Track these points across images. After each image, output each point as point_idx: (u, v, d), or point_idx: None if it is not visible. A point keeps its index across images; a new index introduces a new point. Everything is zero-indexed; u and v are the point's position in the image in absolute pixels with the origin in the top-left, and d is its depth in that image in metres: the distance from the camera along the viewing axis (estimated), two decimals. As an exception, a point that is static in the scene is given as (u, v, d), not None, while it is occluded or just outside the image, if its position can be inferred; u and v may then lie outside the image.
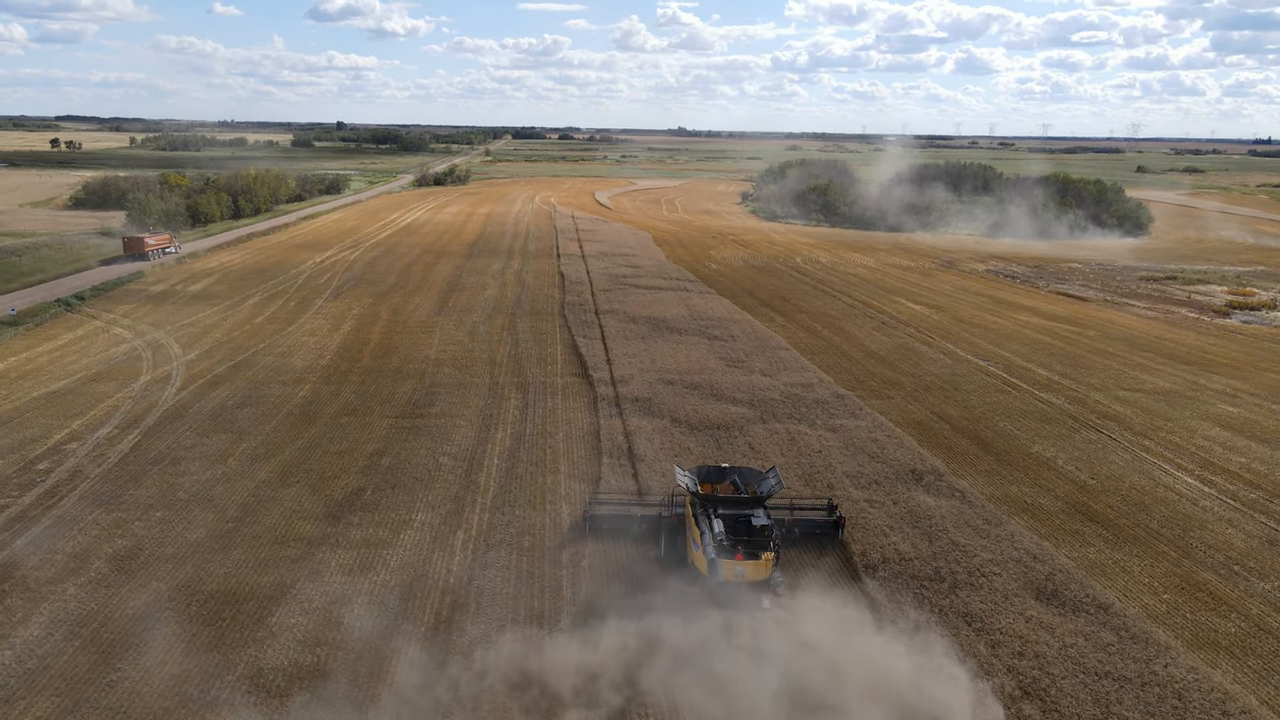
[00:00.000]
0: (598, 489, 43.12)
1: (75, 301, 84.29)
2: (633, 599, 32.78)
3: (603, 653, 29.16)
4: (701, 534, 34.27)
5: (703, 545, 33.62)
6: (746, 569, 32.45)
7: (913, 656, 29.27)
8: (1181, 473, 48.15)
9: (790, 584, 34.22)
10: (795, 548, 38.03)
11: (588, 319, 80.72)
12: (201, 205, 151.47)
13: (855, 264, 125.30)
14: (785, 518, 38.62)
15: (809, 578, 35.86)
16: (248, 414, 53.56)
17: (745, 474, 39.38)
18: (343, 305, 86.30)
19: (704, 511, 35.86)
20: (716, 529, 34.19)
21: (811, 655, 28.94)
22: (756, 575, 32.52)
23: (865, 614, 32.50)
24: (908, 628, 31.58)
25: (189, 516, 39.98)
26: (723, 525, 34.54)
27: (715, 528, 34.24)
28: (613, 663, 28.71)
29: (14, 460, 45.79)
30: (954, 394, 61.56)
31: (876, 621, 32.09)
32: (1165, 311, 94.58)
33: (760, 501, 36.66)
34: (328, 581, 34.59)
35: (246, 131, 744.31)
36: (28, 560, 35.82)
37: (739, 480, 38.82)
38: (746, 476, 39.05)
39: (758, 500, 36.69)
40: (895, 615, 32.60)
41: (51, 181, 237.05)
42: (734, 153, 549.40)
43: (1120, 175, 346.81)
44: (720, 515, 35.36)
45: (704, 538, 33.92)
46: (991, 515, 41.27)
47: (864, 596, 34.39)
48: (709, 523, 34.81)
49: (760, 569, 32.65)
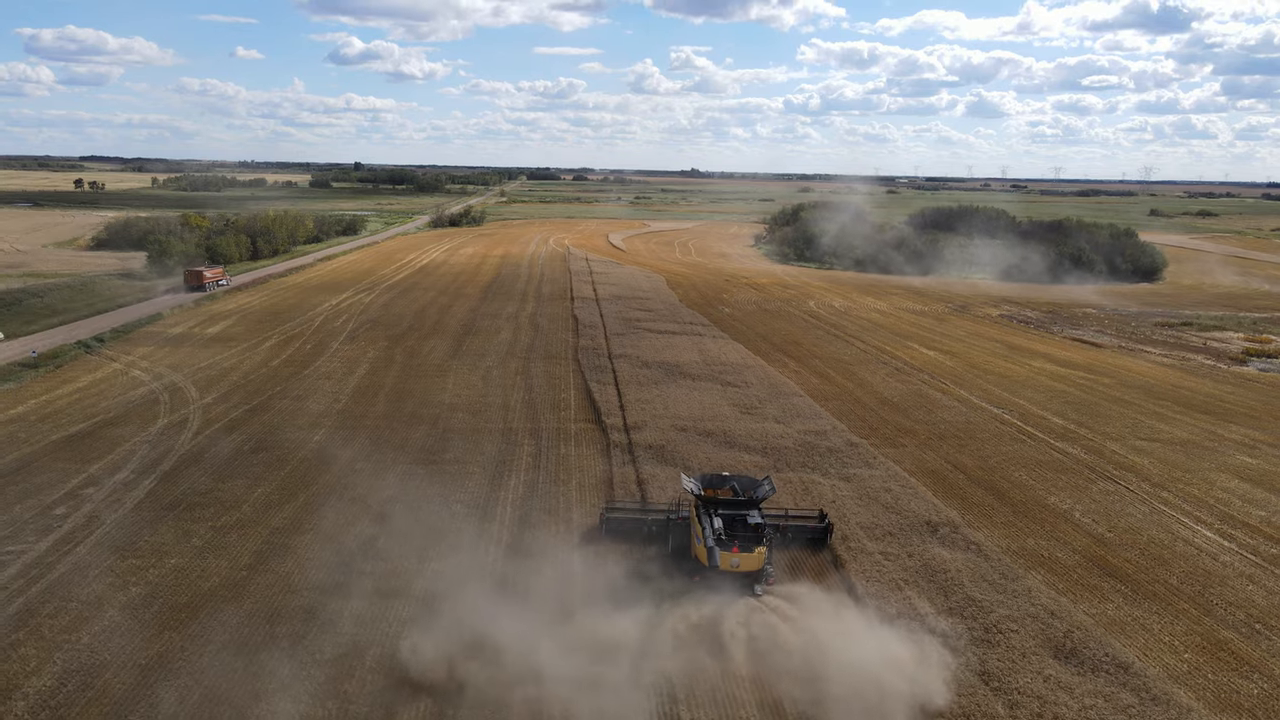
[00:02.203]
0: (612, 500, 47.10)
1: (95, 343, 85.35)
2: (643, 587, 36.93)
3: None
4: (703, 530, 38.66)
5: (704, 539, 37.94)
6: (742, 560, 36.90)
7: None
8: (1201, 526, 47.63)
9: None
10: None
11: (601, 363, 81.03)
12: (221, 246, 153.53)
13: (868, 308, 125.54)
14: (780, 523, 42.87)
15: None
16: (262, 459, 53.85)
17: (743, 481, 43.79)
18: (358, 348, 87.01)
19: (706, 512, 40.27)
20: (716, 525, 38.81)
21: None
22: (751, 566, 37.10)
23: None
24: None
25: (203, 564, 40.09)
26: (722, 523, 39.01)
27: (715, 524, 38.85)
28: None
29: (31, 505, 46.12)
30: (969, 443, 61.28)
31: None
32: (1181, 358, 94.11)
33: (755, 504, 41.05)
34: (340, 632, 34.52)
35: (266, 171, 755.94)
36: (43, 608, 35.96)
37: (737, 486, 43.19)
38: (744, 483, 43.49)
39: (753, 502, 41.15)
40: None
41: (74, 222, 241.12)
42: (746, 194, 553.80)
43: (1133, 219, 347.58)
44: (720, 514, 39.85)
45: (705, 533, 38.32)
46: (1008, 569, 40.88)
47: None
48: (710, 521, 39.32)
49: (754, 560, 37.12)
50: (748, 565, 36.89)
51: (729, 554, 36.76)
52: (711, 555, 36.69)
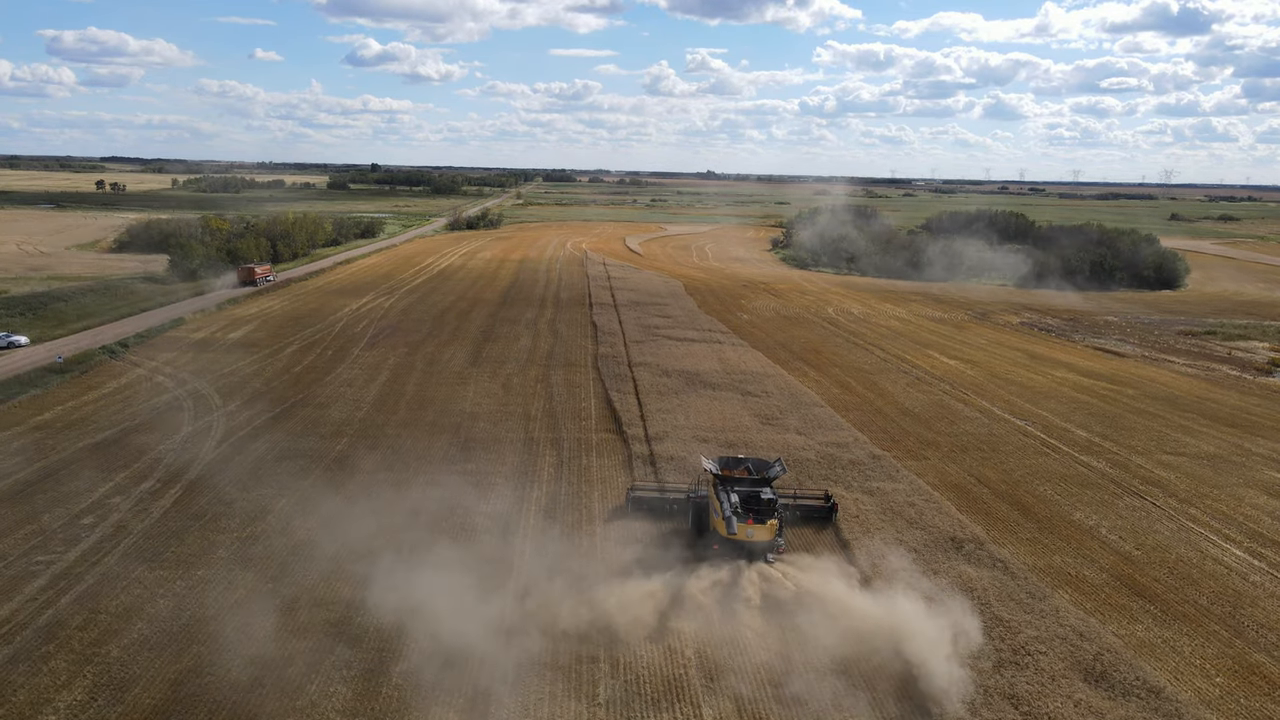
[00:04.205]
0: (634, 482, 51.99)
1: (119, 349, 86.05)
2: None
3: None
4: (721, 505, 42.82)
5: (722, 512, 42.10)
6: (756, 531, 41.23)
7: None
8: (1229, 544, 47.10)
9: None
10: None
11: (621, 371, 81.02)
12: (241, 249, 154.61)
13: (887, 315, 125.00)
14: (789, 502, 47.66)
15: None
16: (286, 469, 54.10)
17: (756, 462, 47.82)
18: (378, 355, 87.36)
19: (723, 489, 44.32)
20: (733, 500, 42.96)
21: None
22: (763, 537, 41.41)
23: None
24: (951, 708, 30.99)
25: (229, 576, 40.29)
26: (738, 498, 43.11)
27: (732, 499, 43.03)
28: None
29: (60, 514, 46.52)
30: (992, 455, 60.88)
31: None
32: (1206, 369, 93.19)
33: (768, 482, 45.18)
34: (365, 649, 34.62)
35: (284, 173, 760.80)
36: (72, 620, 36.26)
37: (752, 466, 47.12)
38: (757, 464, 47.52)
39: (766, 481, 45.21)
40: (938, 695, 31.98)
41: (96, 224, 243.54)
42: (762, 197, 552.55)
43: (1153, 224, 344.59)
44: (736, 491, 43.90)
45: (723, 507, 42.42)
46: (1035, 588, 40.55)
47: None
48: (727, 497, 43.41)
49: (766, 532, 41.52)
50: (760, 536, 41.46)
51: (744, 525, 41.30)
52: (729, 524, 41.26)
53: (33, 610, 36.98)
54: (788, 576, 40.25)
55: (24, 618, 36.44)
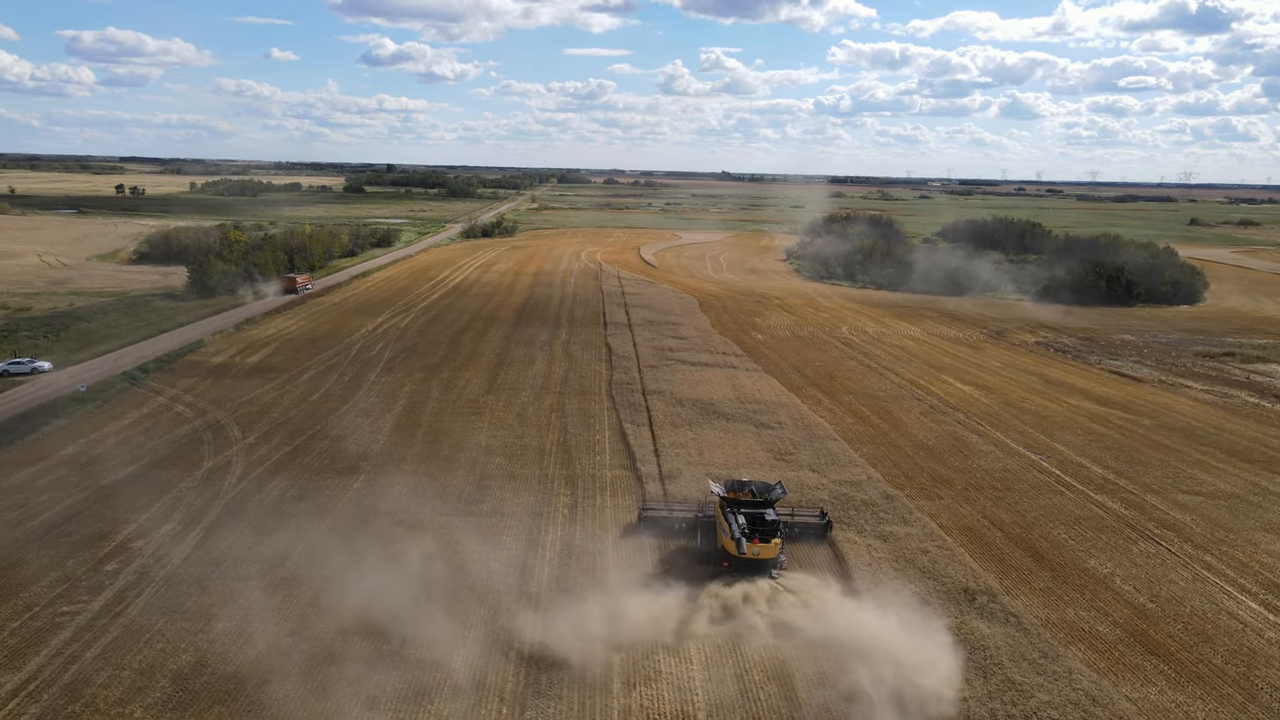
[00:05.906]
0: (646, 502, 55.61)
1: (140, 375, 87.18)
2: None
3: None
4: (729, 525, 47.13)
5: (731, 533, 46.48)
6: (762, 549, 45.90)
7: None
8: (1245, 596, 46.98)
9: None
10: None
11: (635, 400, 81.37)
12: (258, 262, 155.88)
13: (902, 334, 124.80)
14: (789, 519, 52.20)
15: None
16: (304, 509, 54.78)
17: (759, 485, 52.36)
18: (395, 381, 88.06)
19: (730, 510, 48.83)
20: (740, 521, 47.26)
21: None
22: (769, 554, 46.17)
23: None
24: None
25: (249, 629, 40.91)
26: (744, 519, 47.48)
27: (739, 520, 47.38)
28: None
29: (84, 559, 47.37)
30: (1005, 494, 60.87)
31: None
32: (1223, 395, 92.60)
33: (770, 504, 49.86)
34: (383, 710, 35.16)
35: (300, 174, 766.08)
36: (97, 676, 37.02)
37: (755, 489, 51.61)
38: (760, 487, 51.98)
39: (768, 503, 49.93)
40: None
41: (116, 232, 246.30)
42: (777, 199, 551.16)
43: (1172, 230, 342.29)
44: (742, 512, 48.37)
45: (731, 528, 46.77)
46: (1048, 647, 40.62)
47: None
48: (734, 518, 47.71)
49: (770, 550, 46.20)
50: (766, 554, 46.05)
51: (752, 544, 45.77)
52: (739, 545, 45.62)
53: (59, 665, 37.91)
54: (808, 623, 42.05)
55: (49, 674, 37.24)
